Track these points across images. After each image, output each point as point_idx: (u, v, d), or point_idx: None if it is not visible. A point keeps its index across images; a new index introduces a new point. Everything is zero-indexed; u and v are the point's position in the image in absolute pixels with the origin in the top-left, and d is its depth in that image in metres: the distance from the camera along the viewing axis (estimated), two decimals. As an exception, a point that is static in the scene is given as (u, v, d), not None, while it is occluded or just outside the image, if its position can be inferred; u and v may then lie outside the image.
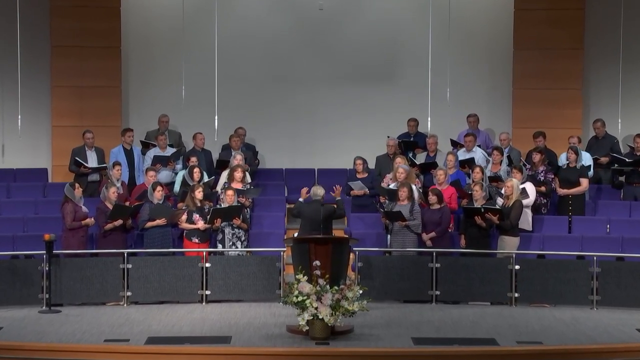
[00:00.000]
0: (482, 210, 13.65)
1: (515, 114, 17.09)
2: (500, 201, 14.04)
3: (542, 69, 16.89)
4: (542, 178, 14.73)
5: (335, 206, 13.88)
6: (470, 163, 15.10)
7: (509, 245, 13.66)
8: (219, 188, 14.76)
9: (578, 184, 14.77)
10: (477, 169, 14.44)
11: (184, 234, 13.85)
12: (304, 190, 14.06)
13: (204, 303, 13.26)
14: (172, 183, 15.20)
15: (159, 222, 13.69)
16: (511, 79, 17.15)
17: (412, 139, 16.37)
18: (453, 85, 16.68)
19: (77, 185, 13.84)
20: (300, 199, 14.04)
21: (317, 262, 11.19)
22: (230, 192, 13.98)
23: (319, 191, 13.93)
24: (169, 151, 15.72)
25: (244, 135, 16.41)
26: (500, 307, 13.18)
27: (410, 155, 15.74)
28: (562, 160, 15.26)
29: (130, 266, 13.21)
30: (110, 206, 13.67)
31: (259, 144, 16.95)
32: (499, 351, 10.70)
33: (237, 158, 15.05)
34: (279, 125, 17.43)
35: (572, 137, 15.62)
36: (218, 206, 14.04)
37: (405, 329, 11.70)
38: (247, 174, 14.97)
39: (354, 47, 17.39)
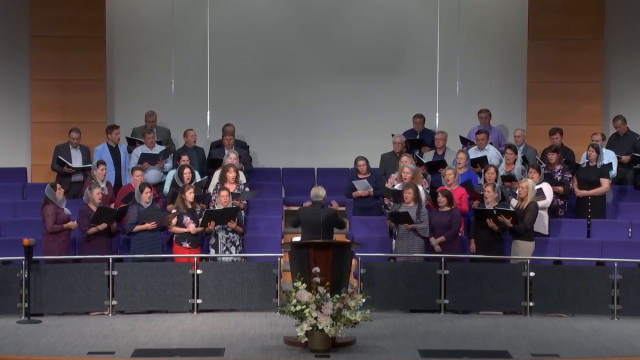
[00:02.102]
0: (495, 212, 13.63)
1: (529, 110, 17.09)
2: (514, 203, 14.02)
3: (558, 61, 16.88)
4: (559, 178, 14.70)
5: (336, 209, 13.90)
6: (482, 162, 15.07)
7: (523, 250, 13.64)
8: (211, 189, 14.73)
9: (598, 184, 14.73)
10: (491, 170, 14.39)
11: (174, 238, 13.83)
12: None
13: (195, 313, 13.25)
14: (161, 183, 15.19)
15: (149, 225, 13.66)
16: (525, 71, 17.14)
17: (418, 137, 16.35)
18: (463, 78, 16.66)
19: (58, 186, 13.83)
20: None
21: (317, 269, 11.18)
22: (224, 193, 13.94)
23: (320, 192, 13.90)
24: (158, 149, 15.67)
25: (232, 132, 16.33)
26: (514, 317, 13.18)
27: (417, 153, 15.71)
28: (584, 159, 15.18)
29: (115, 273, 13.21)
30: (94, 208, 13.65)
31: (254, 142, 16.93)
32: (512, 364, 10.74)
33: (231, 157, 15.02)
34: (276, 122, 17.41)
35: (596, 134, 15.58)
36: (211, 207, 14.02)
37: (411, 341, 11.70)
38: (242, 173, 14.95)
39: (357, 38, 17.38)
